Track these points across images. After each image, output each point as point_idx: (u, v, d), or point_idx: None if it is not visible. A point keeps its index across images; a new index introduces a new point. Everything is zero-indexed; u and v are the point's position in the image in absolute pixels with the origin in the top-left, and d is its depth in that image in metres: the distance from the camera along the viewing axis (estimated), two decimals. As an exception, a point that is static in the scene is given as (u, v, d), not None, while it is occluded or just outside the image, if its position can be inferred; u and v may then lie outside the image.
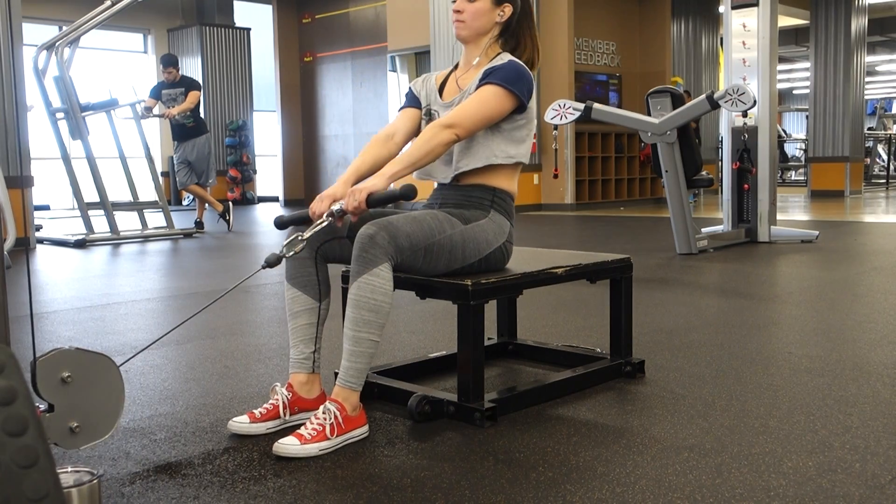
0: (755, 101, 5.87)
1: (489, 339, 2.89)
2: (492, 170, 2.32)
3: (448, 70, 2.51)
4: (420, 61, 11.96)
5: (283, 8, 14.36)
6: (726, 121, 6.78)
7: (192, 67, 13.66)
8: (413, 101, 2.48)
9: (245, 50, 14.39)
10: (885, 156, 17.41)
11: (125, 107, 8.06)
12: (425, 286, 2.26)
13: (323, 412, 2.02)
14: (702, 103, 5.74)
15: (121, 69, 13.91)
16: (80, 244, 7.34)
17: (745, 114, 6.43)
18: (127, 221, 8.31)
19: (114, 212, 7.75)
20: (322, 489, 1.78)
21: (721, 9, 8.42)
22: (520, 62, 2.32)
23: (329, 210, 2.13)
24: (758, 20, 6.60)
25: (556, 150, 8.59)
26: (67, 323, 3.79)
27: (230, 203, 9.29)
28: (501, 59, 2.33)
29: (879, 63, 21.60)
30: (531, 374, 2.75)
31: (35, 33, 11.49)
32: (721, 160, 9.50)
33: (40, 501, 1.20)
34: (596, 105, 6.03)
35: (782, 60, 18.63)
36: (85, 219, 7.75)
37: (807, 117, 14.89)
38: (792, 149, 20.10)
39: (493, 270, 2.33)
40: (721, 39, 11.25)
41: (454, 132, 2.21)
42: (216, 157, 11.75)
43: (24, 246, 6.72)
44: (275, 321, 3.71)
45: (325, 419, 2.00)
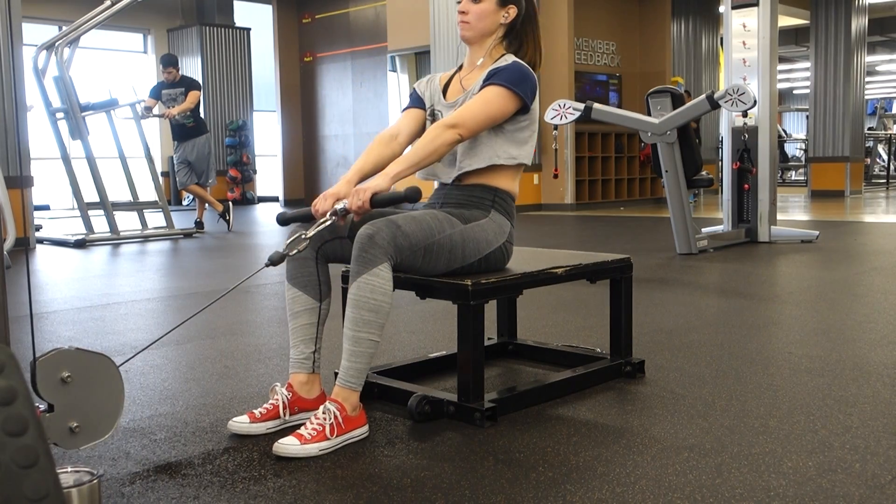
0: (755, 101, 5.86)
1: (489, 339, 2.89)
2: (494, 170, 2.33)
3: (452, 71, 2.52)
4: (420, 61, 11.96)
5: (283, 8, 14.36)
6: (726, 121, 6.78)
7: (192, 67, 13.65)
8: (417, 102, 2.48)
9: (245, 50, 14.39)
10: (886, 156, 17.41)
11: (125, 107, 8.06)
12: (425, 286, 2.26)
13: (323, 412, 2.02)
14: (702, 103, 5.74)
15: (121, 69, 13.91)
16: (80, 244, 7.34)
17: (745, 114, 6.43)
18: (127, 221, 8.30)
19: (114, 212, 7.75)
20: (322, 489, 1.78)
21: (721, 9, 8.42)
22: (524, 64, 2.33)
23: (332, 209, 2.13)
24: (758, 20, 6.60)
25: (556, 150, 8.59)
26: (67, 323, 3.79)
27: (230, 203, 9.28)
28: (506, 61, 2.34)
29: (879, 63, 21.61)
30: (531, 374, 2.75)
31: (35, 33, 11.49)
32: (721, 160, 9.51)
33: (40, 501, 1.20)
34: (596, 105, 6.03)
35: (782, 60, 18.63)
36: (85, 219, 7.75)
37: (807, 117, 14.89)
38: (792, 149, 20.10)
39: (493, 270, 2.33)
40: (721, 39, 11.26)
41: (458, 132, 2.21)
42: (216, 157, 11.76)
43: (24, 246, 6.72)
44: (275, 321, 3.71)
45: (325, 419, 2.00)
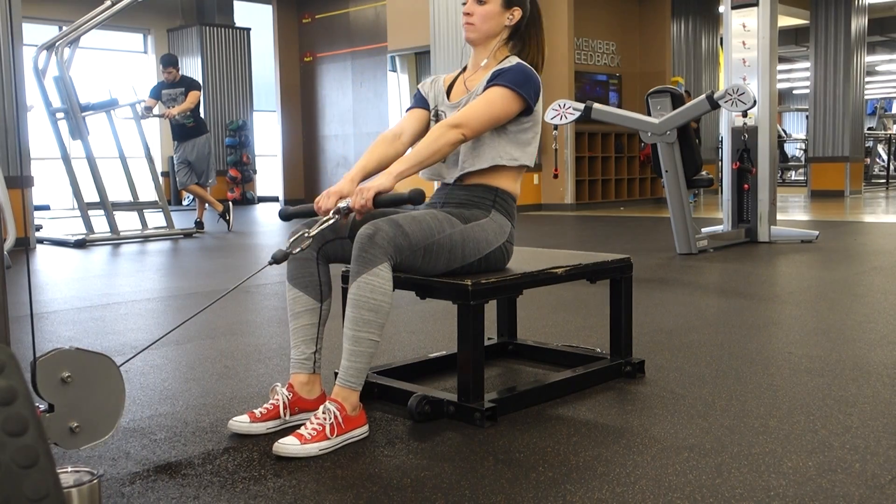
0: (755, 101, 5.87)
1: (489, 339, 2.89)
2: (496, 171, 2.33)
3: (457, 72, 2.53)
4: (420, 61, 11.96)
5: (283, 8, 14.37)
6: (726, 121, 6.78)
7: (192, 67, 13.66)
8: (421, 102, 2.49)
9: (245, 50, 14.39)
10: (885, 156, 17.41)
11: (125, 107, 8.06)
12: (425, 286, 2.26)
13: (323, 412, 2.02)
14: (702, 103, 5.74)
15: (121, 69, 13.91)
16: (80, 244, 7.34)
17: (745, 114, 6.43)
18: (127, 221, 8.31)
19: (114, 212, 7.75)
20: (322, 489, 1.78)
21: (721, 9, 8.41)
22: (528, 65, 2.34)
23: (336, 207, 2.13)
24: (758, 20, 6.60)
25: (556, 150, 8.58)
26: (67, 323, 3.79)
27: (230, 203, 9.29)
28: (510, 62, 2.35)
29: (879, 63, 21.61)
30: (531, 374, 2.75)
31: (35, 33, 11.49)
32: (721, 160, 9.50)
33: (40, 501, 1.20)
34: (596, 105, 6.03)
35: (782, 60, 18.63)
36: (85, 219, 7.75)
37: (807, 117, 14.89)
38: (792, 149, 20.11)
39: (493, 270, 2.33)
40: (721, 39, 11.24)
41: (461, 132, 2.22)
42: (216, 157, 11.76)
43: (24, 246, 6.72)
44: (275, 321, 3.71)
45: (325, 419, 2.00)
